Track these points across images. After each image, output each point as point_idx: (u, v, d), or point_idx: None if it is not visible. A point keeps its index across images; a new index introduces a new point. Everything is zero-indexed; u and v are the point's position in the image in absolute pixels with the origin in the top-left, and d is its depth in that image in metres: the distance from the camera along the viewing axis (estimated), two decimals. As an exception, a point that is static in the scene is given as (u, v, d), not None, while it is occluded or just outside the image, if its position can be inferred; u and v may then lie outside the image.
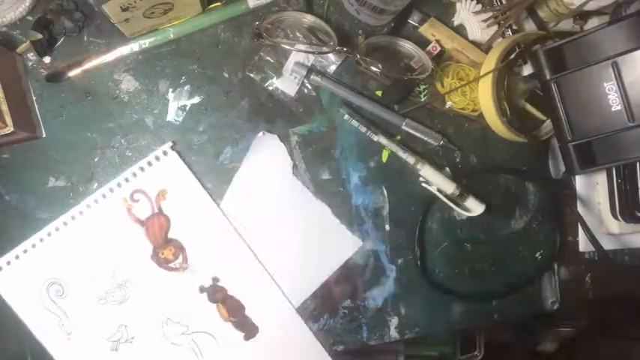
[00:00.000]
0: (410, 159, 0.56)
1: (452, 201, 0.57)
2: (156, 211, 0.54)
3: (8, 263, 0.52)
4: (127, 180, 0.53)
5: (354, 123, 0.56)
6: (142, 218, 0.54)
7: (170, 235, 0.54)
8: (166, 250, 0.54)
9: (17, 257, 0.52)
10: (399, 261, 0.59)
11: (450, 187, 0.57)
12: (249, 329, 0.56)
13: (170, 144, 0.54)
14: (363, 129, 0.56)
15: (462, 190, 0.57)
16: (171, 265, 0.54)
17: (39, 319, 0.53)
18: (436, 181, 0.57)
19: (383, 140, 0.56)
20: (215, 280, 0.55)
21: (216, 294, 0.55)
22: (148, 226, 0.54)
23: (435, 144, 0.58)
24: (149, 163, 0.53)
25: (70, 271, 0.53)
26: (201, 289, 0.55)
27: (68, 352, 0.53)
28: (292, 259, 0.57)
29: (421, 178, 0.58)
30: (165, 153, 0.54)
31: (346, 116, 0.56)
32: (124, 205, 0.53)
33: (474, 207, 0.58)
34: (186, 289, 0.55)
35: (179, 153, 0.54)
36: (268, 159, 0.56)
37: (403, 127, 0.57)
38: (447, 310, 0.60)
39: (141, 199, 0.53)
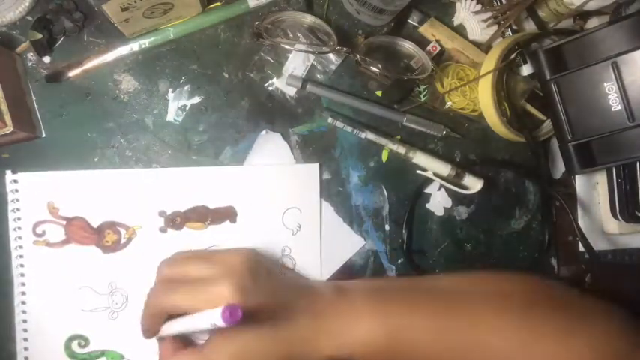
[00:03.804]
0: (401, 149, 0.57)
1: (450, 183, 0.57)
2: (64, 223, 0.52)
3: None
4: (19, 229, 0.51)
5: (339, 124, 0.56)
6: (63, 238, 0.52)
7: (95, 225, 0.53)
8: (107, 236, 0.53)
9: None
10: (399, 261, 0.59)
11: (445, 169, 0.57)
12: (227, 214, 0.55)
13: (10, 172, 0.51)
14: (349, 128, 0.56)
15: (458, 170, 0.57)
16: (123, 240, 0.53)
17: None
18: (431, 166, 0.57)
19: (371, 136, 0.56)
20: (162, 214, 0.53)
21: (175, 221, 0.54)
22: (73, 237, 0.52)
23: (438, 135, 0.58)
24: (15, 200, 0.51)
25: (71, 323, 0.52)
26: (162, 230, 0.53)
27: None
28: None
29: (419, 171, 0.58)
30: (15, 181, 0.51)
31: (330, 119, 0.56)
32: (40, 246, 0.52)
33: (473, 184, 0.58)
34: (154, 242, 0.53)
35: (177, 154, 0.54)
36: (271, 157, 0.56)
37: (405, 123, 0.57)
38: (447, 310, 0.60)
39: (45, 228, 0.52)
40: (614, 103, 0.51)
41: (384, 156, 0.58)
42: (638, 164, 0.56)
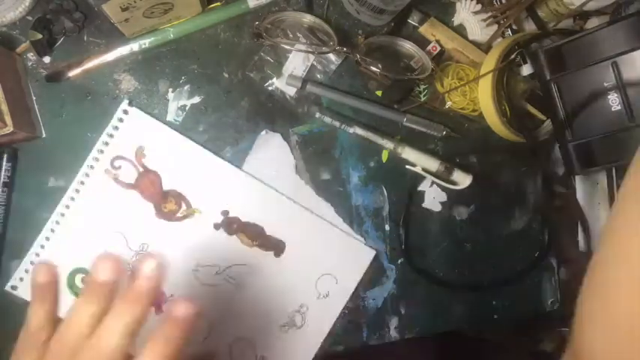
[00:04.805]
0: (389, 144, 0.57)
1: (439, 178, 0.58)
2: (141, 170, 0.53)
3: (26, 271, 0.52)
4: (101, 151, 0.53)
5: (327, 120, 0.56)
6: (132, 182, 0.53)
7: (165, 188, 0.54)
8: (167, 203, 0.54)
9: (32, 263, 0.52)
10: (399, 261, 0.59)
11: (433, 164, 0.57)
12: (276, 245, 0.56)
13: (127, 101, 0.53)
14: (337, 123, 0.56)
15: (447, 165, 0.57)
16: (179, 214, 0.54)
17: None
18: (419, 161, 0.57)
19: (359, 131, 0.56)
20: (225, 213, 0.55)
21: (232, 225, 0.55)
22: (140, 187, 0.53)
23: (438, 135, 0.58)
24: (115, 127, 0.53)
25: (86, 257, 0.52)
26: (216, 226, 0.55)
27: None
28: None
29: (408, 165, 0.58)
30: (125, 112, 0.53)
31: (317, 114, 0.56)
32: (108, 177, 0.53)
33: (462, 179, 0.58)
34: (202, 232, 0.54)
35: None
36: (271, 157, 0.56)
37: (405, 123, 0.57)
38: (446, 310, 0.61)
39: (123, 165, 0.53)
40: (614, 103, 0.51)
41: (384, 156, 0.58)
42: (638, 164, 0.56)
